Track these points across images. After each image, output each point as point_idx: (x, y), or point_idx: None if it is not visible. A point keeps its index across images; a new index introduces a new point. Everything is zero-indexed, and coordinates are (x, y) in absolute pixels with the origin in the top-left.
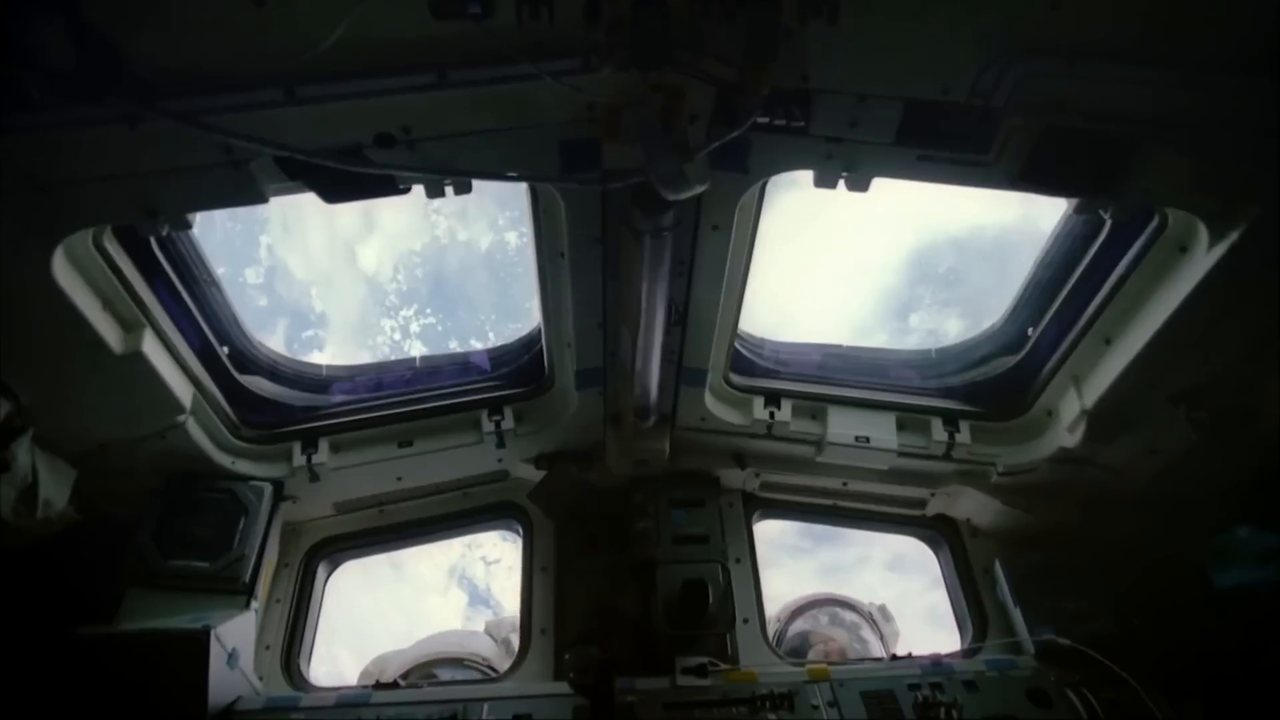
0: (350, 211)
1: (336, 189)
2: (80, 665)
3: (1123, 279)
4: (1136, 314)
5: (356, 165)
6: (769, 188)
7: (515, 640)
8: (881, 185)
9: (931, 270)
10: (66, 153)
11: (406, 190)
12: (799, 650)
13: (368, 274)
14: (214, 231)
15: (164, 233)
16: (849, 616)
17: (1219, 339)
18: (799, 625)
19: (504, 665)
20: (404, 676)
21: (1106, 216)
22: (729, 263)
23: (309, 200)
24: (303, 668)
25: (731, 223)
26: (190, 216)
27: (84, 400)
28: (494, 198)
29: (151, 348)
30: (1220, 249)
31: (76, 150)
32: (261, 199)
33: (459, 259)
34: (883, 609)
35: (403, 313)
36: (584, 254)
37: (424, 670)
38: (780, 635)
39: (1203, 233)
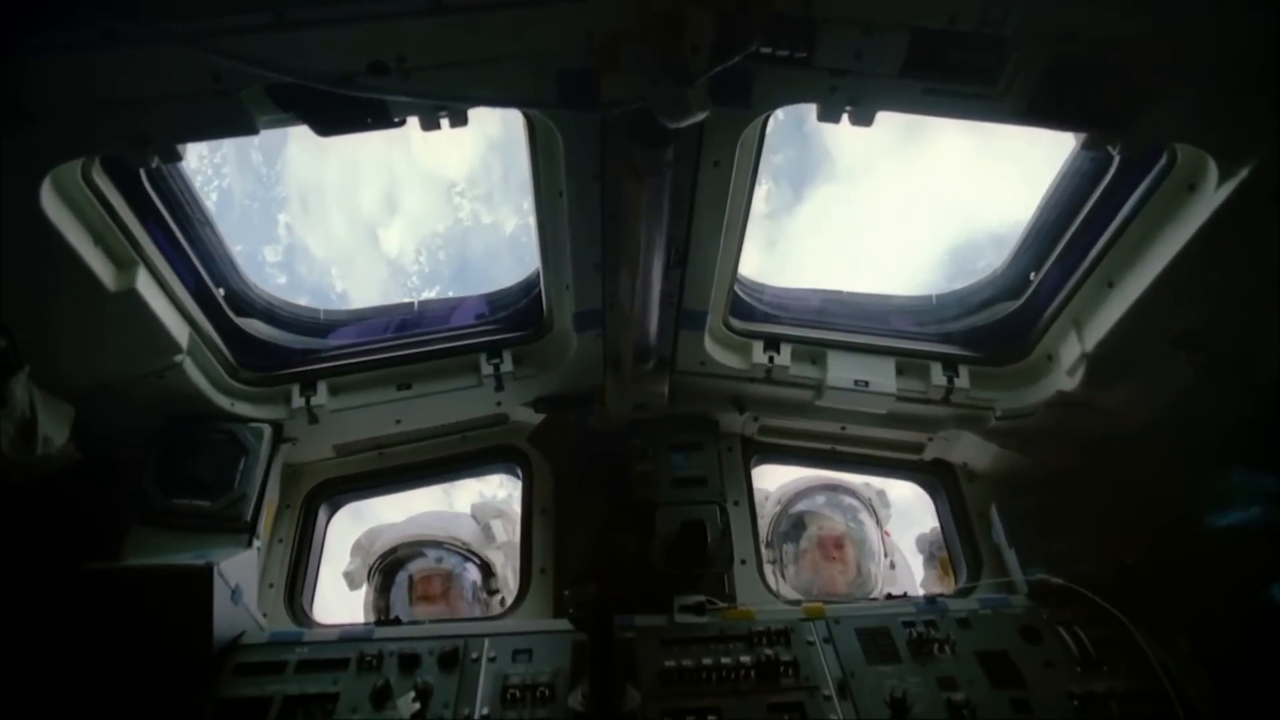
0: (372, 192)
1: (329, 121)
2: (86, 600)
3: (1128, 220)
4: (1141, 256)
5: (348, 89)
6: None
7: (498, 526)
8: (924, 178)
9: (970, 266)
10: (51, 79)
11: (401, 123)
12: (794, 533)
13: (390, 256)
14: (231, 210)
15: (153, 164)
16: (847, 500)
17: (1222, 281)
18: (797, 507)
19: (484, 550)
20: (389, 553)
21: (1115, 153)
22: (729, 202)
23: (330, 181)
24: (306, 605)
25: (732, 160)
26: (180, 148)
27: (79, 338)
28: (518, 183)
29: (146, 286)
30: (1229, 186)
31: (61, 76)
32: (252, 130)
33: (483, 242)
34: (881, 494)
35: (425, 295)
36: (582, 193)
37: (408, 549)
38: (777, 519)
39: (1212, 170)
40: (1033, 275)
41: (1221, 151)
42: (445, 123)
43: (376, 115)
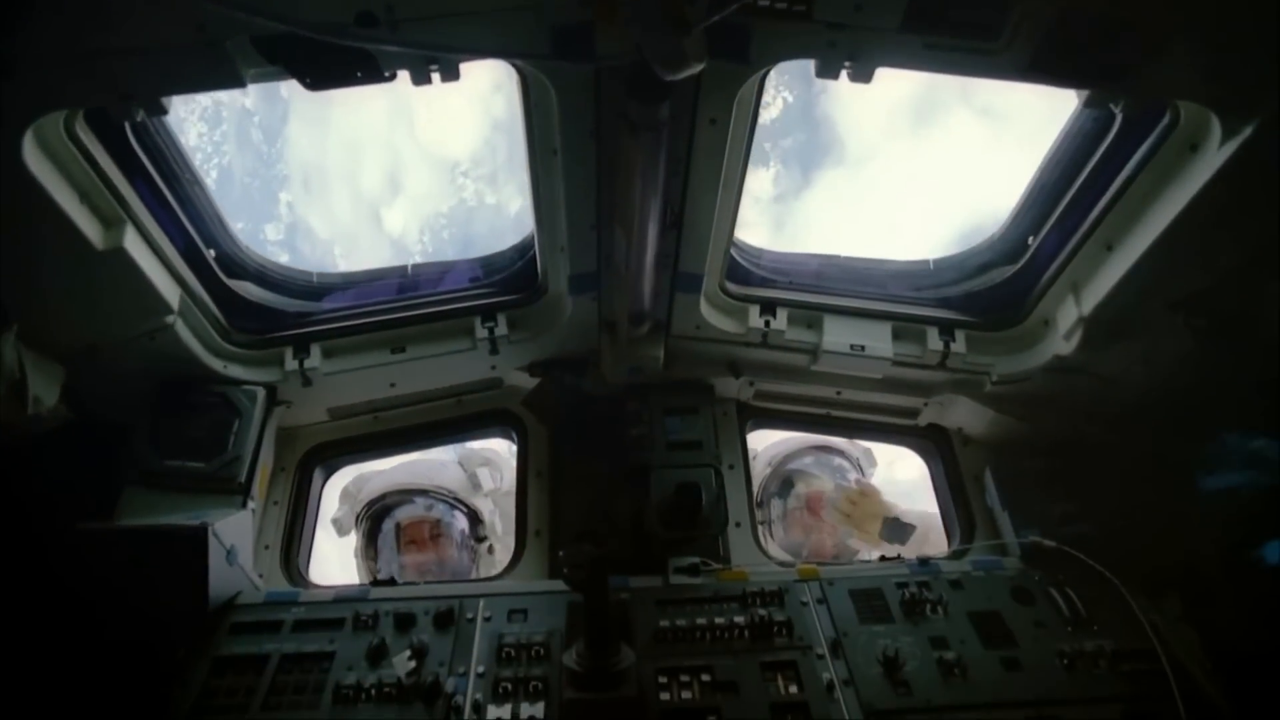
0: (375, 172)
1: (317, 74)
2: (81, 560)
3: (1129, 181)
4: (1141, 218)
5: (335, 38)
6: None
7: (484, 474)
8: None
9: None
10: (31, 29)
11: (391, 77)
12: (782, 491)
13: (393, 235)
14: (232, 187)
15: (138, 118)
16: (835, 460)
17: (1223, 242)
18: (786, 468)
19: (470, 497)
20: (376, 500)
21: (1117, 111)
22: (726, 162)
23: (332, 161)
24: (301, 567)
25: (729, 118)
26: (165, 101)
27: (68, 298)
28: (523, 163)
29: (134, 244)
30: (1232, 145)
31: (42, 26)
32: (239, 82)
33: (487, 222)
34: (867, 452)
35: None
36: (577, 151)
37: (396, 497)
38: (766, 480)
39: (1215, 128)
40: (1031, 239)
41: (1226, 109)
42: (436, 76)
43: (366, 69)
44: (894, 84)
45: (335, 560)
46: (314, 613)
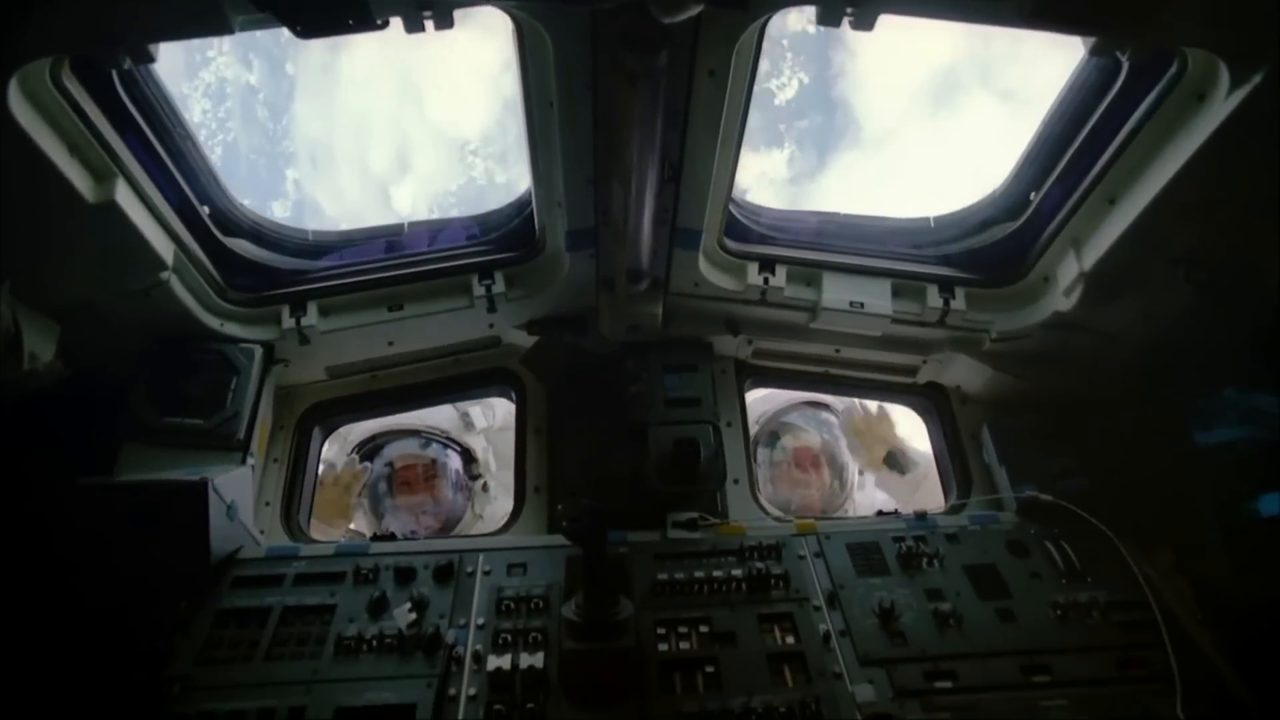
0: (383, 151)
1: (308, 21)
2: (82, 515)
3: (1133, 134)
4: (1144, 171)
5: None
6: None
7: (476, 413)
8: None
9: None
10: None
11: (384, 25)
12: (769, 442)
13: (401, 213)
14: (237, 164)
15: (125, 66)
16: (825, 415)
17: (1226, 195)
18: (776, 420)
19: (462, 436)
20: (367, 440)
21: (1124, 59)
22: (724, 115)
23: (339, 140)
24: (302, 523)
25: (728, 69)
26: (153, 49)
27: (61, 253)
28: (519, 117)
29: (126, 199)
30: (1239, 95)
31: None
32: (228, 28)
33: (497, 201)
34: (857, 404)
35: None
36: (574, 103)
37: (386, 435)
38: (755, 437)
39: (1223, 77)
40: (1033, 195)
41: (1234, 56)
42: (430, 24)
43: (358, 16)
44: (912, 65)
45: None
46: (315, 567)
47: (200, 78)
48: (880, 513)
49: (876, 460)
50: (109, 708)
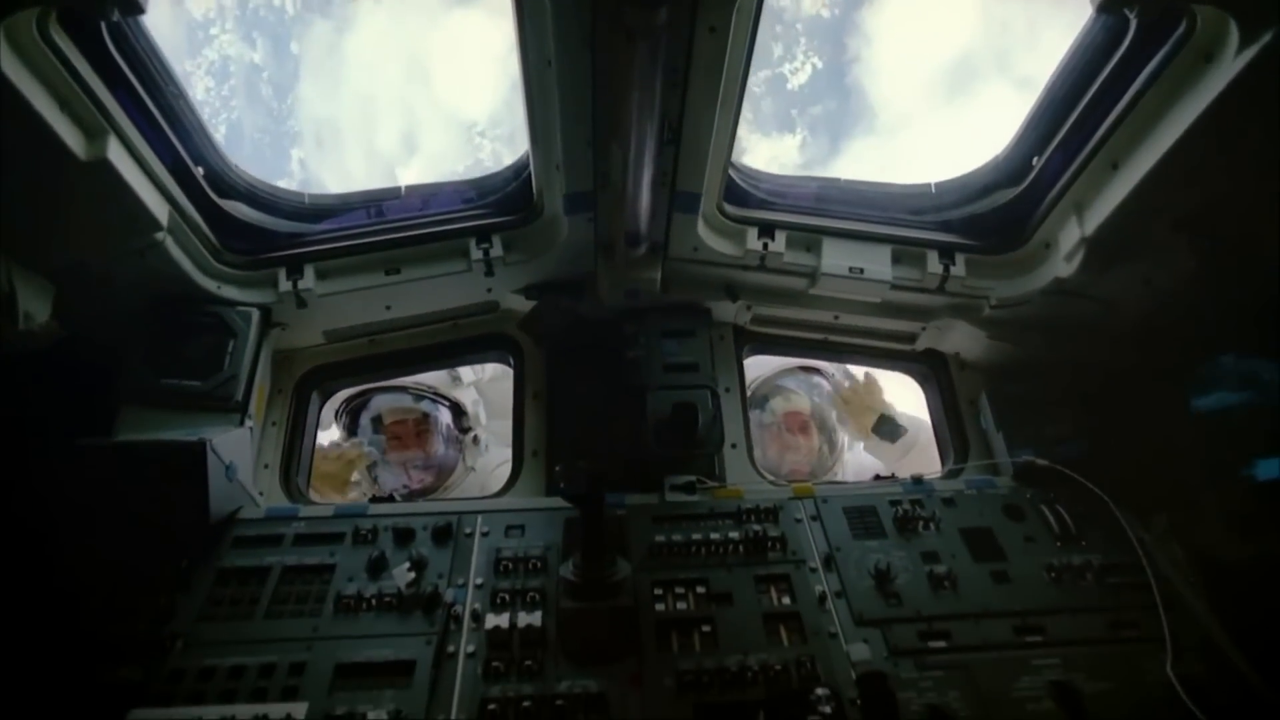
0: (390, 132)
1: None
2: (81, 475)
3: (1139, 95)
4: (1149, 133)
5: None
6: None
7: (463, 369)
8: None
9: None
10: None
11: None
12: (759, 404)
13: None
14: (241, 143)
15: (113, 16)
16: (815, 379)
17: (1230, 158)
18: (768, 385)
19: (450, 391)
20: (355, 395)
21: (1132, 17)
22: (725, 74)
23: (345, 120)
24: (301, 485)
25: (729, 26)
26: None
27: (53, 213)
28: (517, 77)
29: (118, 156)
30: (1249, 54)
31: None
32: None
33: None
34: (845, 371)
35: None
36: (572, 62)
37: (374, 390)
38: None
39: (1233, 35)
40: (1035, 160)
41: (1245, 13)
42: None
43: None
44: (928, 52)
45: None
46: (314, 527)
47: (203, 55)
48: (877, 477)
49: (865, 428)
50: (112, 663)
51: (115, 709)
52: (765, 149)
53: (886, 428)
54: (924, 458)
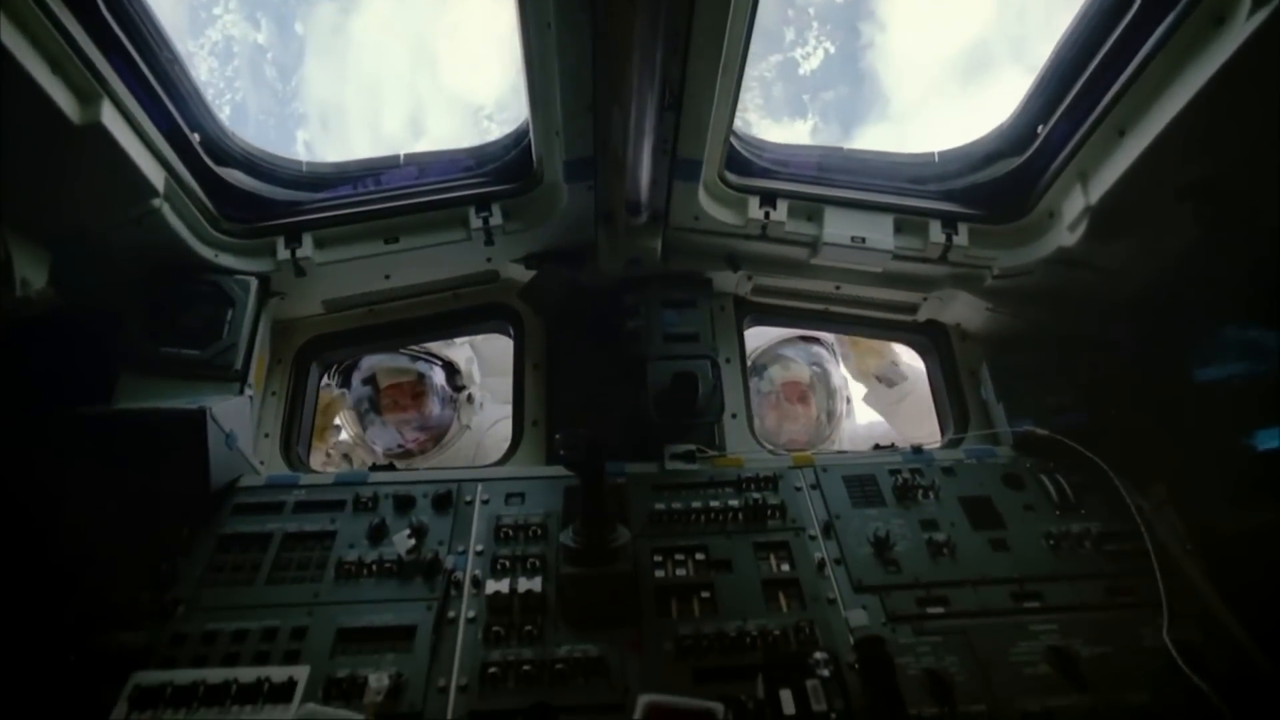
0: (396, 115)
1: None
2: (80, 443)
3: (1148, 60)
4: (1157, 99)
5: None
6: None
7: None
8: None
9: None
10: None
11: None
12: (756, 371)
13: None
14: (246, 125)
15: None
16: (814, 349)
17: (1238, 125)
18: (768, 354)
19: (443, 350)
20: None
21: None
22: (727, 39)
23: (351, 103)
24: (301, 454)
25: None
26: None
27: (48, 178)
28: (516, 40)
29: (112, 121)
30: (1260, 16)
31: None
32: None
33: None
34: (841, 340)
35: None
36: (572, 25)
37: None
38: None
39: None
40: (1040, 127)
41: None
42: None
43: None
44: (943, 39)
45: None
46: (315, 495)
47: (206, 36)
48: (877, 446)
49: (867, 371)
50: (114, 628)
51: (118, 672)
52: (776, 134)
53: (887, 372)
54: (916, 411)
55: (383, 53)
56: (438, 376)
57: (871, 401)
